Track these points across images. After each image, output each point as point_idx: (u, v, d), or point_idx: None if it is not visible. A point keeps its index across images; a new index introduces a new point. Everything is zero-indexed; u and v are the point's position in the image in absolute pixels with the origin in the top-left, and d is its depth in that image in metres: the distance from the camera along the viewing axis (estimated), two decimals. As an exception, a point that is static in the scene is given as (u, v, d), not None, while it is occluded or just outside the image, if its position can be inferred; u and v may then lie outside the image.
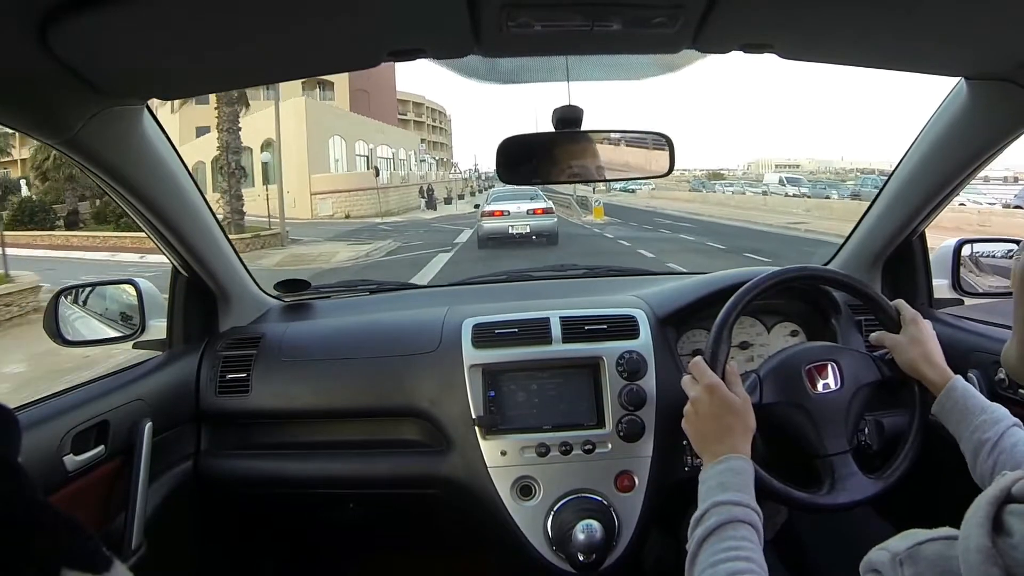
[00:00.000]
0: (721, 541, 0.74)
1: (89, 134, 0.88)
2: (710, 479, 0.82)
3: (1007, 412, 0.88)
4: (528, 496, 1.13)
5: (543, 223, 12.96)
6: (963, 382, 0.94)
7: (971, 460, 0.88)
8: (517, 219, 12.83)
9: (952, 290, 1.31)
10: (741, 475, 0.82)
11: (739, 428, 0.87)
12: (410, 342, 1.25)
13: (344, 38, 0.77)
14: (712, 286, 1.24)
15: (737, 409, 0.88)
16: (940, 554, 0.47)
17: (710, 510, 0.77)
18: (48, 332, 1.24)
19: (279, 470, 1.24)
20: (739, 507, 0.77)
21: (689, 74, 0.99)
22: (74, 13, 0.61)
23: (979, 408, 0.89)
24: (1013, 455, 0.83)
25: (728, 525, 0.75)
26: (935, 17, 0.74)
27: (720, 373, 0.93)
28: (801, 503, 0.95)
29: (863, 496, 0.95)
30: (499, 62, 0.97)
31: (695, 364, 0.94)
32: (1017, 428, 0.86)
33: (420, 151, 42.70)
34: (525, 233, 12.72)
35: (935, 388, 0.95)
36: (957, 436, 0.91)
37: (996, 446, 0.85)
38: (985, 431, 0.87)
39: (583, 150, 1.06)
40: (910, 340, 0.99)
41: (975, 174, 1.16)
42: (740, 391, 0.91)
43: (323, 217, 25.62)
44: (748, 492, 0.80)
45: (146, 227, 1.14)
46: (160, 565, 1.06)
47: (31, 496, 0.47)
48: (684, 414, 0.92)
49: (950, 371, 0.95)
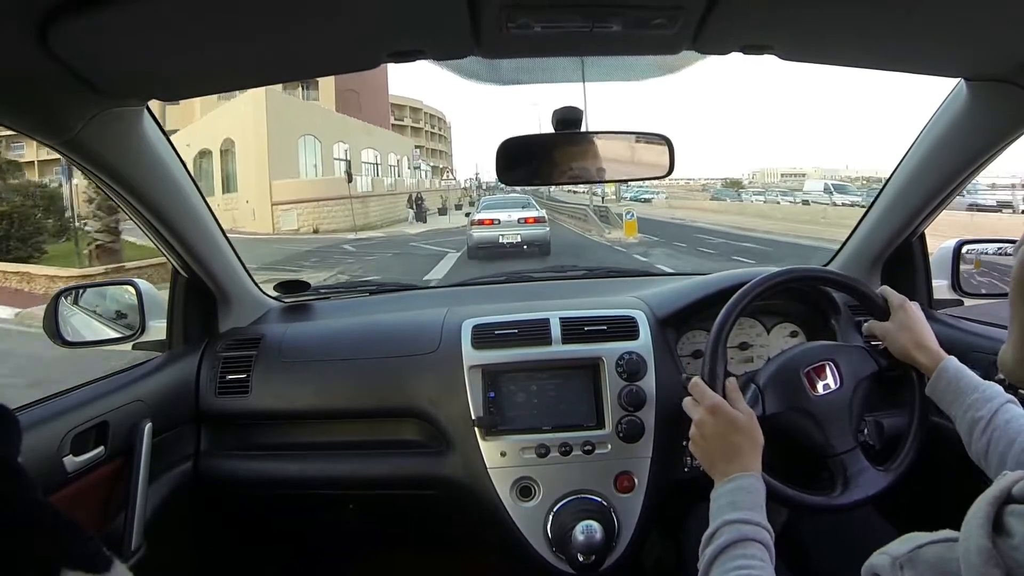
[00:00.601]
0: (732, 560, 0.74)
1: (89, 135, 0.88)
2: (720, 498, 0.82)
3: (1000, 389, 0.88)
4: (528, 497, 1.13)
5: (534, 232, 12.35)
6: (955, 362, 0.94)
7: (966, 438, 0.89)
8: (508, 228, 12.25)
9: (952, 291, 1.31)
10: (752, 493, 0.81)
11: (747, 445, 0.86)
12: (410, 343, 1.25)
13: (344, 39, 0.77)
14: (711, 287, 1.24)
15: (742, 426, 0.87)
16: (940, 557, 0.47)
17: (721, 529, 0.77)
18: (48, 332, 1.24)
19: (279, 471, 1.24)
20: (749, 525, 0.77)
21: (689, 81, 1.00)
22: (74, 14, 0.61)
23: (971, 387, 0.90)
24: (1007, 431, 0.83)
25: (739, 544, 0.75)
26: (935, 18, 0.74)
27: (720, 390, 0.93)
28: (818, 507, 0.95)
29: (876, 490, 0.95)
30: (499, 63, 0.97)
31: (694, 386, 0.93)
32: (1011, 404, 0.86)
33: (414, 156, 38.68)
34: (516, 242, 12.11)
35: (927, 371, 0.95)
36: (951, 415, 0.92)
37: (990, 423, 0.85)
38: (978, 409, 0.87)
39: (583, 151, 1.06)
40: (899, 327, 0.99)
41: (975, 175, 1.15)
42: (743, 406, 0.91)
43: (287, 232, 20.52)
44: (759, 510, 0.80)
45: (146, 228, 1.15)
46: (160, 565, 1.05)
47: (31, 497, 0.47)
48: (691, 438, 0.91)
49: (942, 352, 0.96)
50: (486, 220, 12.50)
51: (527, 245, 12.14)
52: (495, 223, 12.37)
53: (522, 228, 12.33)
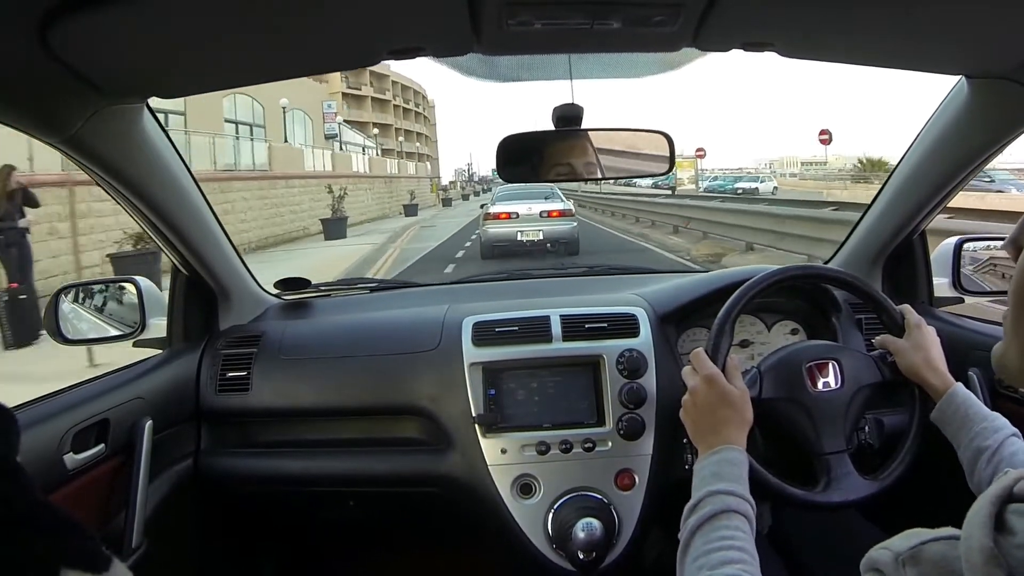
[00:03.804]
0: (714, 530, 0.74)
1: (89, 133, 0.88)
2: (705, 468, 0.83)
3: (1007, 422, 0.88)
4: (528, 494, 1.13)
5: (560, 228, 10.47)
6: (964, 389, 0.94)
7: (969, 468, 0.88)
8: (528, 223, 10.41)
9: (952, 288, 1.31)
10: (736, 466, 0.82)
11: (736, 420, 0.87)
12: (410, 340, 1.25)
13: (344, 36, 0.77)
14: (713, 284, 1.24)
15: (735, 401, 0.88)
16: (943, 554, 0.47)
17: (704, 499, 0.78)
18: (48, 330, 1.24)
19: (279, 468, 1.24)
20: (733, 497, 0.77)
21: (701, 70, 1.00)
22: (74, 11, 0.60)
23: (979, 416, 0.90)
24: (1012, 464, 0.83)
25: (722, 515, 0.76)
26: (935, 15, 0.73)
27: (721, 365, 0.93)
28: (795, 499, 0.96)
29: (856, 496, 0.95)
30: (499, 60, 0.97)
31: (696, 355, 0.94)
32: (1016, 439, 0.86)
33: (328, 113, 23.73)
34: (538, 240, 10.26)
35: (936, 394, 0.95)
36: (956, 443, 0.91)
37: (996, 454, 0.85)
38: (985, 439, 0.87)
39: (584, 148, 1.06)
40: (914, 345, 0.98)
41: (976, 172, 1.15)
42: (739, 383, 0.91)
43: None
44: (742, 483, 0.80)
45: (146, 225, 1.14)
46: (160, 564, 1.06)
47: (31, 495, 0.47)
48: (682, 404, 0.92)
49: (951, 378, 0.95)
50: (502, 214, 10.60)
51: (551, 243, 10.38)
52: (513, 217, 10.55)
53: (545, 223, 10.50)
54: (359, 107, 34.45)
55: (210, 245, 1.25)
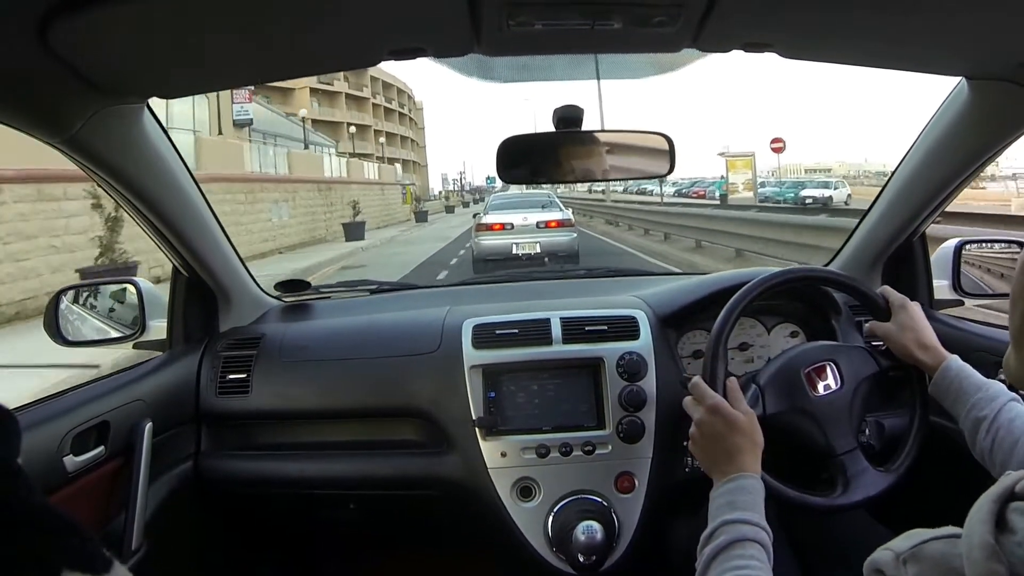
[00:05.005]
0: (730, 560, 0.74)
1: (89, 133, 0.88)
2: (719, 497, 0.82)
3: (1004, 388, 0.88)
4: (528, 497, 1.12)
5: (558, 240, 9.61)
6: (958, 361, 0.93)
7: (969, 437, 0.88)
8: (524, 235, 9.62)
9: (953, 291, 1.31)
10: (751, 494, 0.81)
11: (747, 446, 0.86)
12: (410, 342, 1.25)
13: (345, 37, 0.77)
14: (712, 286, 1.24)
15: (743, 427, 0.87)
16: (944, 553, 0.47)
17: (719, 528, 0.77)
18: (48, 332, 1.24)
19: (279, 470, 1.23)
20: (748, 526, 0.77)
21: (700, 73, 1.00)
22: (74, 11, 0.60)
23: (975, 386, 0.90)
24: (1011, 430, 0.83)
25: (737, 544, 0.75)
26: (936, 17, 0.73)
27: (720, 390, 0.92)
28: (819, 507, 0.95)
29: (877, 490, 0.95)
30: (499, 61, 0.97)
31: (695, 386, 0.93)
32: (1014, 403, 0.86)
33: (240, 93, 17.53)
34: (534, 253, 9.46)
35: (931, 371, 0.95)
36: (954, 414, 0.91)
37: (994, 422, 0.85)
38: (982, 408, 0.87)
39: (584, 150, 1.06)
40: (901, 327, 0.99)
41: (976, 174, 1.15)
42: (743, 407, 0.90)
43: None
44: (758, 511, 0.79)
45: (146, 226, 1.14)
46: (160, 566, 1.05)
47: (31, 497, 0.47)
48: (690, 437, 0.91)
49: (944, 352, 0.96)
50: (496, 225, 9.81)
51: (548, 256, 9.51)
52: (507, 228, 9.74)
53: (542, 234, 9.68)
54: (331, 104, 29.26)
55: (210, 246, 1.25)
